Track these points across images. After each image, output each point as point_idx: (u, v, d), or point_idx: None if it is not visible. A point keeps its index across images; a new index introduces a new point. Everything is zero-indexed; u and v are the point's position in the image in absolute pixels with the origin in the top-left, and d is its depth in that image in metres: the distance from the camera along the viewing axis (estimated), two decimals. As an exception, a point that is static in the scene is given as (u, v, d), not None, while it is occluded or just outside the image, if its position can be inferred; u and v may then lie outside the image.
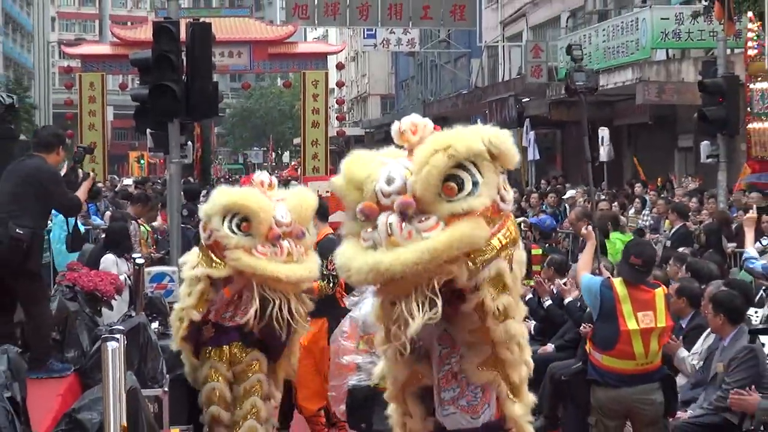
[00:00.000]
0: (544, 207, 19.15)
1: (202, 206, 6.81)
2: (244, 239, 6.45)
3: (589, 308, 7.76)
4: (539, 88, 27.53)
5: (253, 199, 6.53)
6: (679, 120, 24.11)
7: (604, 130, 23.77)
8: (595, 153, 9.64)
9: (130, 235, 11.10)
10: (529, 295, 9.91)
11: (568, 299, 9.22)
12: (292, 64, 34.40)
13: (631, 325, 7.00)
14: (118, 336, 4.37)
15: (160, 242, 12.94)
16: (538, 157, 28.10)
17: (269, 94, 74.05)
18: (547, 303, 9.80)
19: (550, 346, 9.45)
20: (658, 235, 15.51)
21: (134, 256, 9.91)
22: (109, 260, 10.00)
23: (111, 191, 22.98)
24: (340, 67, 38.28)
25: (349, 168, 4.27)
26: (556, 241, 15.90)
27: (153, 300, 9.11)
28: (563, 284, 9.52)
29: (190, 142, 13.83)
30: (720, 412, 7.21)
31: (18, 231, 6.92)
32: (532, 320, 10.10)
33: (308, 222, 6.84)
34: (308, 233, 6.75)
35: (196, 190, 17.94)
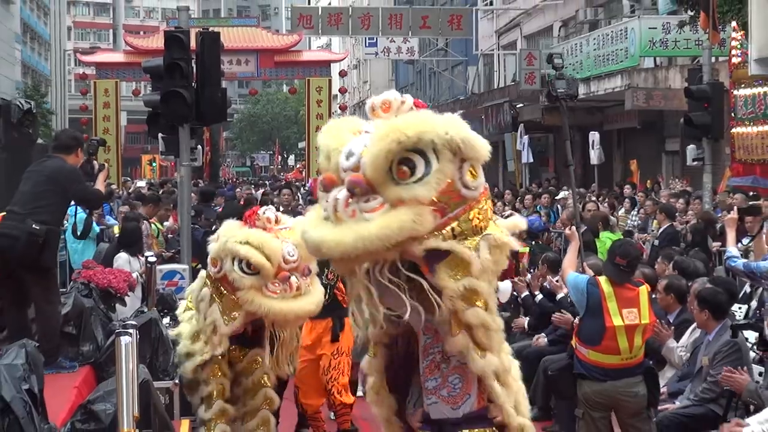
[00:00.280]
0: (538, 208, 19.13)
1: (211, 245, 6.67)
2: (256, 279, 6.37)
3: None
4: (533, 95, 27.50)
5: (263, 246, 6.38)
6: (666, 125, 24.11)
7: (595, 135, 23.77)
8: (571, 157, 9.62)
9: (143, 235, 11.13)
10: (525, 293, 9.92)
11: (560, 295, 9.23)
12: (297, 72, 34.48)
13: (617, 322, 6.99)
14: (131, 331, 4.39)
15: (169, 241, 12.95)
16: (531, 160, 28.07)
17: (275, 100, 74.05)
18: (539, 298, 9.80)
19: (544, 338, 9.43)
20: (647, 235, 15.52)
21: (146, 254, 9.92)
22: (122, 258, 10.03)
23: (125, 192, 23.08)
24: (343, 75, 38.32)
25: (323, 136, 4.18)
26: (547, 240, 15.90)
27: (164, 296, 9.15)
28: (555, 281, 9.52)
29: (199, 146, 13.81)
30: (705, 404, 7.23)
31: (35, 227, 6.91)
32: (527, 316, 10.14)
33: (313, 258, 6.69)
34: (313, 269, 6.64)
35: (211, 191, 18.18)
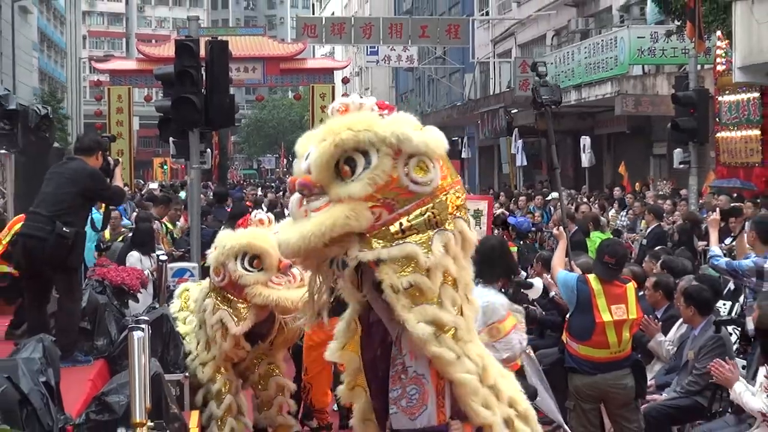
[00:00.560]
0: (531, 209, 19.13)
1: (210, 255, 6.69)
2: (260, 275, 6.43)
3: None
4: (527, 101, 27.43)
5: (260, 239, 6.45)
6: (654, 129, 24.11)
7: (586, 139, 23.79)
8: (557, 161, 9.62)
9: (154, 236, 11.13)
10: (553, 292, 9.86)
11: (552, 293, 9.21)
12: (302, 79, 34.42)
13: (606, 317, 6.99)
14: (143, 326, 4.38)
15: (177, 241, 12.95)
16: (525, 163, 28.09)
17: (281, 105, 74.02)
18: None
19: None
20: (635, 235, 15.52)
21: (158, 253, 9.92)
22: (134, 257, 10.06)
23: (138, 194, 23.25)
24: (346, 81, 38.24)
25: (298, 144, 4.19)
26: (540, 239, 15.89)
27: (175, 293, 9.12)
28: (549, 278, 9.50)
29: (209, 150, 13.84)
30: (691, 396, 7.27)
31: (65, 230, 6.92)
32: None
33: None
34: None
35: (224, 193, 18.71)
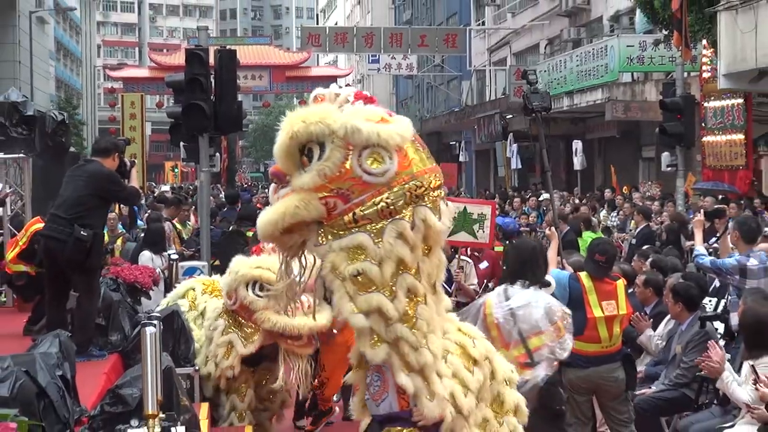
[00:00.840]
0: (526, 210, 19.14)
1: (223, 280, 6.62)
2: (270, 301, 6.31)
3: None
4: (521, 106, 27.47)
5: (272, 267, 6.15)
6: (642, 134, 24.12)
7: (578, 143, 23.79)
8: (548, 164, 9.64)
9: (166, 236, 11.13)
10: None
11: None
12: (307, 86, 34.54)
13: (597, 313, 6.99)
14: (155, 322, 4.37)
15: (187, 241, 12.95)
16: (520, 166, 28.10)
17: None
18: None
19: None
20: (625, 234, 15.52)
21: (169, 252, 9.92)
22: (146, 256, 10.08)
23: (151, 196, 23.40)
24: (348, 88, 38.34)
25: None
26: (535, 239, 15.85)
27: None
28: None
29: (218, 154, 13.87)
30: (679, 388, 7.30)
31: (83, 233, 6.86)
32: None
33: None
34: None
35: (235, 195, 19.36)
